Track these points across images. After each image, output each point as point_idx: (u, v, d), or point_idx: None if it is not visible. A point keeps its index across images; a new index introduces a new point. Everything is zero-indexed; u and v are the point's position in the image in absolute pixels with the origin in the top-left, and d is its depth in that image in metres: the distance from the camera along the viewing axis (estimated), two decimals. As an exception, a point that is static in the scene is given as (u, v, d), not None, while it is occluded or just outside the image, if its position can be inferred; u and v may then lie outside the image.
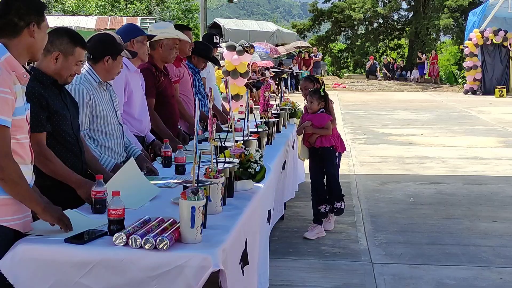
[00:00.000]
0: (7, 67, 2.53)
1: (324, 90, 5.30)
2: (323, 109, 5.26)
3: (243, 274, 2.95)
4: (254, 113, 4.86)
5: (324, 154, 5.31)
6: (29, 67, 2.91)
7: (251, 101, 6.01)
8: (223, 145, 3.65)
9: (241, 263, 2.91)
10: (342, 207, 5.39)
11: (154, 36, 4.64)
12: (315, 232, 5.30)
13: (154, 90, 4.69)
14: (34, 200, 2.58)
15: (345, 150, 5.68)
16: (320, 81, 5.55)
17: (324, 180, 5.47)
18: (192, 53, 5.54)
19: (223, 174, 3.07)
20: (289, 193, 5.76)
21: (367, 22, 34.32)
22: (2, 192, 2.52)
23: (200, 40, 5.92)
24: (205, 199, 2.61)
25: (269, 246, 4.13)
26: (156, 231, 2.54)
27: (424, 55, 30.51)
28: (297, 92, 23.26)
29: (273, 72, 22.64)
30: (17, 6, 2.57)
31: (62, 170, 2.99)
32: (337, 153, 5.45)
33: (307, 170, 5.79)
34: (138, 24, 26.62)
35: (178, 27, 5.34)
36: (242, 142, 3.93)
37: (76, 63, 3.10)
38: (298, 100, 8.02)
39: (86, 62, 3.65)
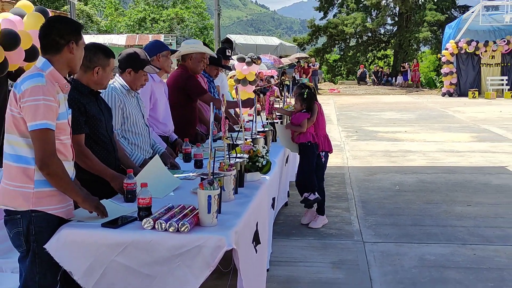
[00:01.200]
0: (51, 79, 2.55)
1: (307, 93, 4.98)
2: (305, 110, 4.98)
3: (256, 252, 2.97)
4: (261, 115, 4.87)
5: (302, 149, 5.06)
6: (70, 78, 2.93)
7: (258, 105, 6.00)
8: (235, 143, 3.67)
9: (254, 242, 2.93)
10: (311, 198, 4.99)
11: (176, 50, 4.67)
12: (307, 218, 5.27)
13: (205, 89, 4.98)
14: (75, 192, 2.61)
15: (331, 151, 5.26)
16: (311, 88, 5.17)
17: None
18: None
19: (234, 167, 3.09)
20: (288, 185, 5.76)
21: (357, 36, 34.15)
22: (48, 185, 2.54)
23: (215, 53, 5.90)
24: (219, 189, 2.63)
25: (273, 228, 4.14)
26: (178, 216, 2.56)
27: (407, 64, 30.40)
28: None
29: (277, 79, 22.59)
30: (58, 27, 2.61)
31: (98, 166, 3.02)
32: (322, 152, 5.10)
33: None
34: (162, 40, 26.69)
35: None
36: (251, 140, 3.94)
37: (111, 70, 3.17)
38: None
39: (117, 73, 3.69)
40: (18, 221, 2.56)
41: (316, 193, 4.99)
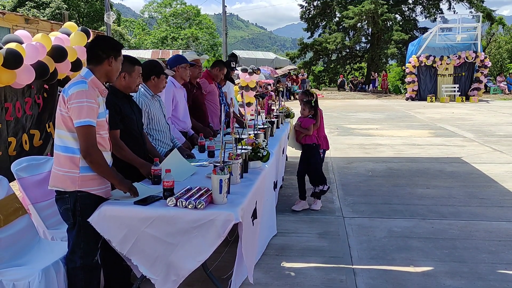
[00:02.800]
0: (92, 85, 2.55)
1: (315, 101, 5.02)
2: (311, 116, 4.96)
3: (253, 225, 2.97)
4: (261, 115, 4.84)
5: (308, 149, 4.99)
6: (108, 85, 2.92)
7: (258, 107, 5.98)
8: (241, 137, 3.66)
9: (252, 217, 2.93)
10: (325, 189, 5.01)
11: (193, 64, 4.62)
12: (300, 206, 5.05)
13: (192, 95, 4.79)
14: (112, 176, 2.60)
15: (328, 148, 5.28)
16: (314, 96, 5.08)
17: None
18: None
19: (241, 157, 3.09)
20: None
21: (338, 51, 33.97)
22: (91, 171, 2.55)
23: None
24: (229, 174, 2.63)
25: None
26: (196, 196, 2.56)
27: (376, 73, 30.30)
28: (290, 100, 23.18)
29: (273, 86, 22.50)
30: (101, 44, 2.64)
31: (130, 156, 3.01)
32: (321, 150, 5.11)
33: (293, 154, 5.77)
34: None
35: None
36: (253, 135, 3.93)
37: (138, 76, 3.11)
38: (291, 105, 8.02)
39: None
40: (66, 200, 2.56)
41: (326, 183, 5.04)
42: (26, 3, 32.09)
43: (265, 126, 4.74)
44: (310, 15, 34.80)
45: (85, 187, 2.55)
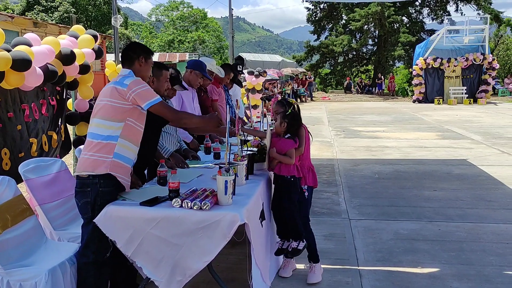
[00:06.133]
0: None
1: (291, 113, 3.23)
2: (289, 135, 3.23)
3: (262, 227, 2.97)
4: (267, 117, 4.84)
5: (282, 184, 3.22)
6: None
7: (265, 109, 5.99)
8: (246, 139, 3.66)
9: (260, 218, 2.93)
10: (300, 247, 3.21)
11: (209, 78, 4.69)
12: (288, 269, 3.46)
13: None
14: (202, 119, 3.14)
15: (316, 185, 3.44)
16: (295, 105, 3.29)
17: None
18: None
19: (246, 158, 3.09)
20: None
21: (344, 54, 33.88)
22: (121, 159, 2.71)
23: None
24: (234, 175, 2.63)
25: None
26: (201, 197, 2.56)
27: (382, 76, 30.19)
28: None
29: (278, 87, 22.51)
30: (133, 47, 2.90)
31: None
32: (305, 186, 3.34)
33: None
34: (187, 58, 26.69)
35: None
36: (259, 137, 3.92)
37: (166, 80, 3.34)
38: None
39: None
40: (88, 193, 2.64)
41: (304, 239, 3.26)
42: (35, 7, 32.44)
43: (271, 128, 4.73)
44: (317, 18, 34.76)
45: (115, 171, 2.67)
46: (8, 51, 3.74)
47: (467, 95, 22.48)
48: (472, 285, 3.27)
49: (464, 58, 22.49)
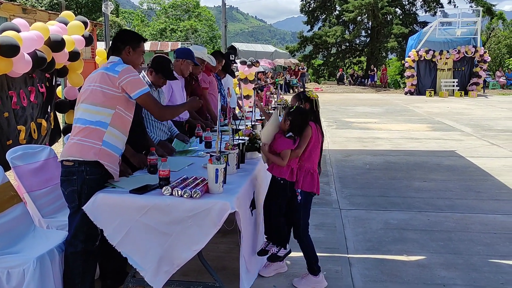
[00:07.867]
0: None
1: (296, 111, 2.95)
2: (291, 134, 2.94)
3: (252, 215, 2.97)
4: (259, 107, 4.81)
5: (273, 184, 3.07)
6: None
7: (257, 99, 5.97)
8: (238, 128, 3.65)
9: (251, 207, 2.92)
10: (280, 254, 3.09)
11: (197, 64, 4.59)
12: (272, 268, 3.28)
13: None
14: (183, 108, 3.17)
15: (318, 192, 3.15)
16: (315, 100, 3.10)
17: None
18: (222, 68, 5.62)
19: (237, 147, 3.07)
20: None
21: (337, 45, 33.86)
22: (110, 147, 2.68)
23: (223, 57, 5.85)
24: (225, 164, 2.61)
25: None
26: (192, 185, 2.55)
27: (375, 68, 30.24)
28: (288, 93, 23.13)
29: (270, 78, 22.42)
30: (121, 36, 2.85)
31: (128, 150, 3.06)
32: (299, 190, 3.03)
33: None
34: (179, 47, 26.47)
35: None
36: (250, 126, 3.92)
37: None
38: (289, 98, 7.98)
39: (142, 71, 3.64)
40: (74, 181, 2.60)
41: (287, 245, 3.15)
42: (24, -7, 31.82)
43: (263, 118, 4.72)
44: (310, 8, 34.63)
45: (103, 159, 2.64)
46: (-4, 36, 3.66)
47: (458, 88, 22.63)
48: (459, 274, 3.31)
49: (456, 51, 22.60)
